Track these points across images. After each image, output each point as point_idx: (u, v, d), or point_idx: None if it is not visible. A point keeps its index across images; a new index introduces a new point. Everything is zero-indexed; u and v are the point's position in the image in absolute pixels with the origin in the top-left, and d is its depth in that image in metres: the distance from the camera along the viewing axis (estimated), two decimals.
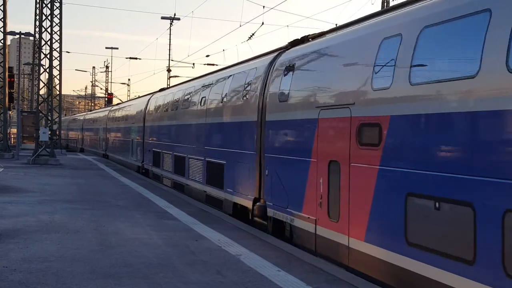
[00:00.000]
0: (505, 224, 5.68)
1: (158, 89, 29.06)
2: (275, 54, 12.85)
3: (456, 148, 6.57)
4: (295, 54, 11.55)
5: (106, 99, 70.83)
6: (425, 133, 7.09)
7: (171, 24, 50.36)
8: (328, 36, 10.80)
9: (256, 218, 12.42)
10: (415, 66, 7.32)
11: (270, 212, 11.61)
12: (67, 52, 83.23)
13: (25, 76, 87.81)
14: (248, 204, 12.75)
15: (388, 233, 7.65)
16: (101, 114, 47.84)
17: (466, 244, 6.17)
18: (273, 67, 12.32)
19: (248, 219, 13.01)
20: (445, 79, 6.76)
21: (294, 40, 12.46)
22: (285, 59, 11.91)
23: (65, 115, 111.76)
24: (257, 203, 12.17)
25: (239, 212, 13.72)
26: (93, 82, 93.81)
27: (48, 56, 31.80)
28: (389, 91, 7.78)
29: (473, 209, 6.10)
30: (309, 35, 12.07)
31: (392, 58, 7.82)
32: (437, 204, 6.68)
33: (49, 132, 31.39)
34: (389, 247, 7.58)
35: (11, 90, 36.34)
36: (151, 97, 28.07)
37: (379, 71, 8.12)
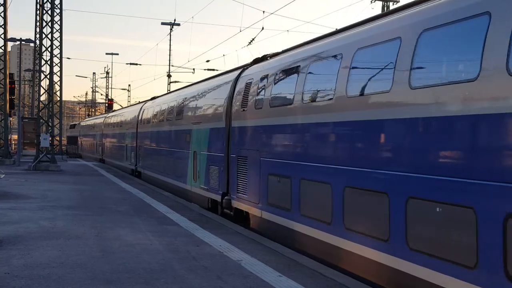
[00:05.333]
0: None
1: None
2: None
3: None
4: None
5: (107, 105, 70.88)
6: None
7: (171, 29, 50.50)
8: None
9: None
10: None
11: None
12: (67, 58, 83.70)
13: (26, 82, 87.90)
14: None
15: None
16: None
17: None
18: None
19: None
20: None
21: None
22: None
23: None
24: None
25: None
26: (94, 88, 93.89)
27: (48, 62, 31.89)
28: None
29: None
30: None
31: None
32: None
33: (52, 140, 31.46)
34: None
35: (12, 97, 36.40)
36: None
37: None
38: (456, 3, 6.83)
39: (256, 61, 14.26)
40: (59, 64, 33.15)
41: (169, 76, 52.74)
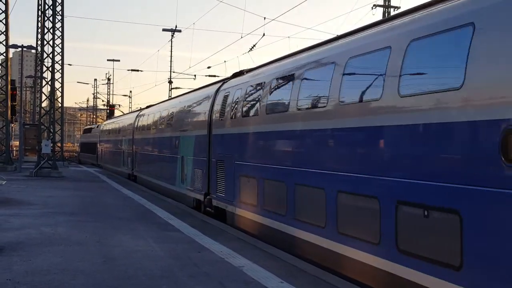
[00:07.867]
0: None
1: None
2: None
3: None
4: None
5: (108, 111, 70.98)
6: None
7: (172, 36, 50.61)
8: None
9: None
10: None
11: None
12: (69, 64, 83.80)
13: (27, 89, 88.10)
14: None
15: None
16: None
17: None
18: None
19: None
20: None
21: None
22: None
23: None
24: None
25: None
26: (95, 94, 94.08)
27: (50, 69, 31.97)
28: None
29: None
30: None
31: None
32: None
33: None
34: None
35: (14, 103, 36.47)
36: None
37: None
38: None
39: None
40: (60, 71, 33.23)
41: (170, 82, 52.85)
